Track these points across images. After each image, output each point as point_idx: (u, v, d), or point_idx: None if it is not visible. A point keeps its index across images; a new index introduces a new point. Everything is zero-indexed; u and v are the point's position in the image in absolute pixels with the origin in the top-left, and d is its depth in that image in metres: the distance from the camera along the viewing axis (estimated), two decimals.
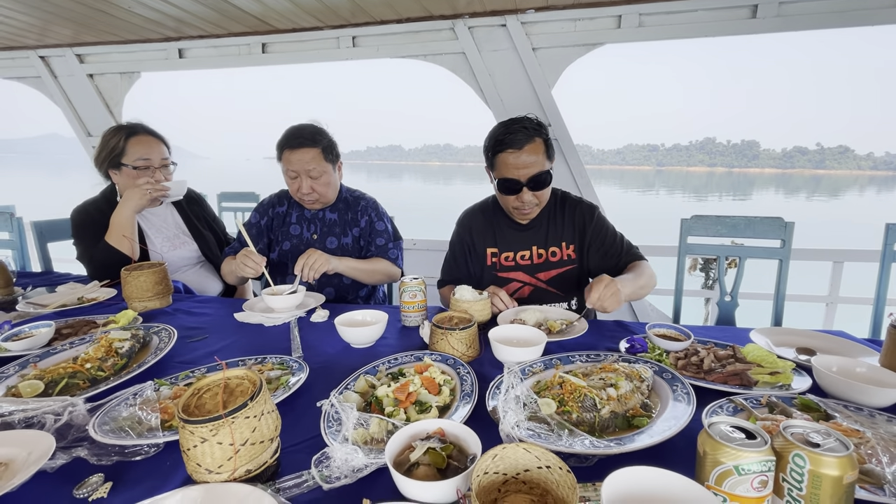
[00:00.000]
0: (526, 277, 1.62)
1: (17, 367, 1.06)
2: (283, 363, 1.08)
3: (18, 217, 2.28)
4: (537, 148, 1.44)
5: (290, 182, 1.72)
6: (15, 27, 2.67)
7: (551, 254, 1.61)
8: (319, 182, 1.68)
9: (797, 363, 1.03)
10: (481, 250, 1.65)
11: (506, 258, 1.63)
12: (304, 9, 2.33)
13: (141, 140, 1.79)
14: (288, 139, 1.66)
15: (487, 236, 1.65)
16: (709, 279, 2.79)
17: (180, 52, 2.95)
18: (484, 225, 1.66)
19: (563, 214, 1.62)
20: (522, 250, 1.62)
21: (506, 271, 1.63)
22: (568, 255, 1.61)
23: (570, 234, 1.61)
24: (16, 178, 64.71)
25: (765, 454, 0.55)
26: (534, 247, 1.61)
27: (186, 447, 0.66)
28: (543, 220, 1.62)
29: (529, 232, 1.62)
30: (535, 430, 0.78)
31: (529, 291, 1.62)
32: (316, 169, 1.66)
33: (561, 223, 1.62)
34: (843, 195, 63.61)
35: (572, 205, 1.64)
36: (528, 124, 1.45)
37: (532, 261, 1.61)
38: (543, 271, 1.61)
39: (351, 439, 0.75)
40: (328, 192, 1.73)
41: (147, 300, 1.51)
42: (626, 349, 1.12)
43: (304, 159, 1.64)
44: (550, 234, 1.61)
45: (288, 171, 1.68)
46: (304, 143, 1.64)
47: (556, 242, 1.61)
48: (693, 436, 0.78)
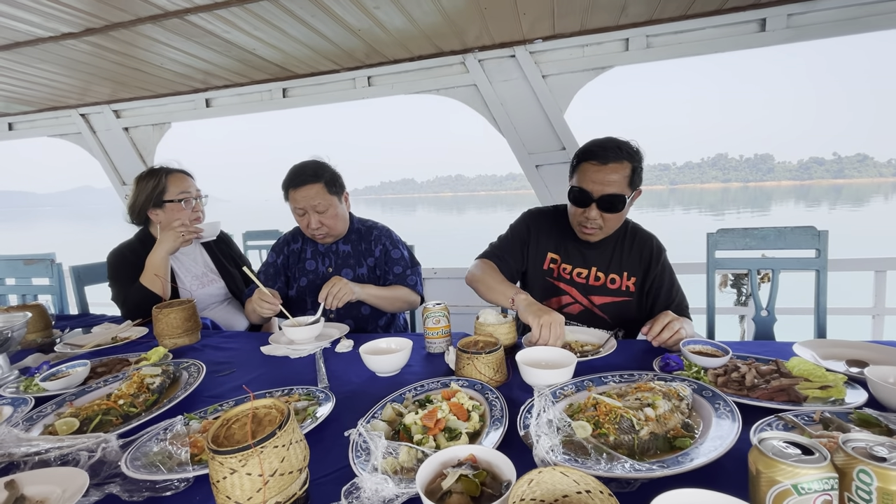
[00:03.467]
0: (579, 296, 1.57)
1: (54, 405, 1.08)
2: (310, 394, 1.07)
3: (58, 263, 2.40)
4: (621, 169, 1.38)
5: (299, 220, 1.76)
6: (60, 89, 2.90)
7: (610, 280, 1.56)
8: (327, 216, 1.71)
9: (849, 376, 0.96)
10: (541, 251, 1.61)
11: (564, 269, 1.59)
12: (321, 54, 2.46)
13: (178, 177, 1.90)
14: (291, 179, 1.70)
15: (552, 240, 1.61)
16: (741, 295, 2.68)
17: (207, 101, 3.13)
18: (551, 228, 1.62)
19: (631, 245, 1.57)
20: (580, 268, 1.57)
21: (562, 282, 1.59)
22: (627, 287, 1.55)
23: (635, 267, 1.55)
24: (53, 228, 68.44)
25: (826, 471, 0.51)
26: (594, 268, 1.56)
27: (216, 479, 0.65)
28: (610, 245, 1.57)
29: (594, 252, 1.57)
30: (572, 455, 0.74)
31: (579, 311, 1.57)
32: (321, 203, 1.69)
33: (628, 253, 1.56)
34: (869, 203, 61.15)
35: (644, 238, 1.59)
36: (622, 146, 1.41)
37: (588, 281, 1.57)
38: (598, 295, 1.56)
39: (380, 469, 0.73)
40: (337, 224, 1.75)
41: (177, 337, 1.54)
42: (661, 367, 1.07)
43: (308, 195, 1.67)
44: (614, 260, 1.56)
45: (295, 209, 1.72)
46: (306, 180, 1.68)
47: (618, 270, 1.56)
48: (741, 456, 0.73)
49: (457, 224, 44.48)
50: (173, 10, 1.84)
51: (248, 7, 1.82)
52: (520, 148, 2.67)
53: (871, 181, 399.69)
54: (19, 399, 1.13)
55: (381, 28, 2.11)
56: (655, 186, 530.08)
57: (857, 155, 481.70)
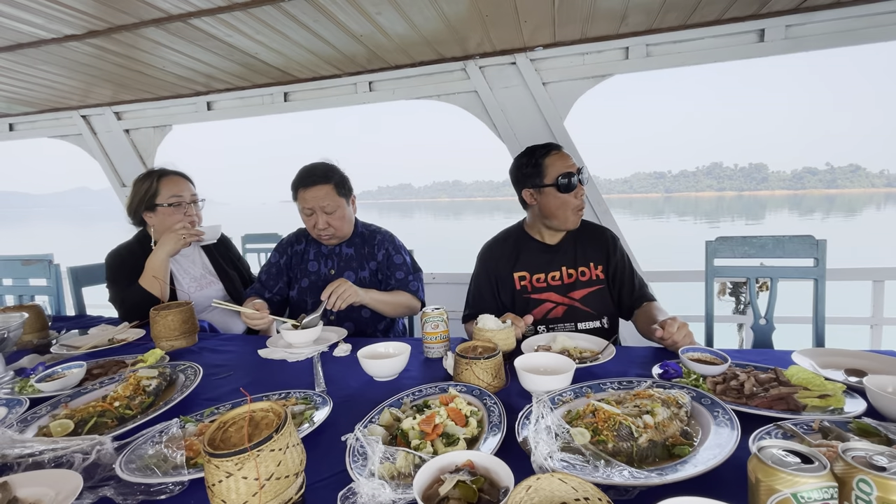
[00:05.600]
0: (558, 297, 1.62)
1: (48, 407, 1.07)
2: (307, 398, 1.06)
3: (56, 264, 2.39)
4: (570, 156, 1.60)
5: (306, 220, 1.77)
6: (62, 90, 2.91)
7: (581, 273, 1.63)
8: (334, 217, 1.73)
9: (848, 385, 0.96)
10: (508, 277, 1.66)
11: (537, 280, 1.64)
12: (323, 59, 2.47)
13: (171, 180, 1.89)
14: (301, 178, 1.73)
15: (513, 262, 1.67)
16: (739, 304, 2.68)
17: (208, 104, 3.14)
18: (508, 252, 1.69)
19: (588, 238, 1.68)
20: (552, 271, 1.64)
21: (538, 293, 1.63)
22: (597, 276, 1.64)
23: (598, 256, 1.65)
24: (49, 229, 68.20)
25: (825, 480, 0.51)
26: (563, 267, 1.64)
27: (211, 482, 0.64)
28: (569, 243, 1.67)
29: (558, 254, 1.65)
30: (570, 462, 0.74)
31: (563, 311, 1.61)
32: (330, 204, 1.71)
33: (588, 245, 1.66)
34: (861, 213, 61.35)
35: (597, 230, 1.71)
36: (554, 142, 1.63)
37: (563, 280, 1.63)
38: (575, 290, 1.62)
39: (377, 474, 0.73)
40: (343, 225, 1.77)
41: (174, 339, 1.53)
42: (660, 374, 1.07)
43: (317, 196, 1.69)
44: (579, 254, 1.65)
45: (304, 208, 1.73)
46: (316, 180, 1.71)
47: (585, 263, 1.64)
48: (740, 464, 0.73)
49: (455, 229, 44.54)
50: (176, 13, 1.84)
51: (251, 11, 1.83)
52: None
53: (863, 191, 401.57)
54: (14, 400, 1.12)
55: (383, 34, 2.13)
56: (651, 194, 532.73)
57: (850, 165, 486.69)
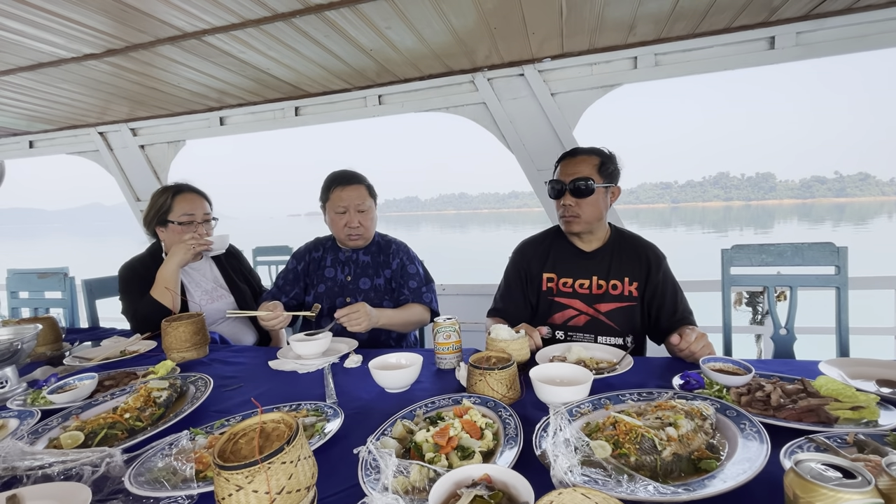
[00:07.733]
0: (583, 306, 1.58)
1: (59, 419, 1.07)
2: (318, 409, 1.05)
3: (71, 277, 2.42)
4: (589, 161, 1.54)
5: (337, 218, 1.79)
6: (80, 108, 2.98)
7: (612, 286, 1.58)
8: (366, 216, 1.79)
9: (882, 396, 0.92)
10: (538, 276, 1.65)
11: (563, 284, 1.61)
12: (333, 73, 2.50)
13: (186, 197, 1.91)
14: (338, 178, 1.80)
15: (545, 262, 1.66)
16: (757, 314, 2.62)
17: (221, 119, 3.20)
18: (542, 252, 1.69)
19: (627, 250, 1.61)
20: (582, 278, 1.60)
21: (562, 297, 1.60)
22: (630, 292, 1.57)
23: (635, 273, 1.58)
24: (64, 243, 69.55)
25: (870, 496, 0.48)
26: (594, 276, 1.59)
27: (221, 496, 0.62)
28: (607, 252, 1.62)
29: (592, 262, 1.61)
30: (591, 476, 0.71)
31: (585, 321, 1.57)
32: (364, 204, 1.78)
33: (626, 259, 1.60)
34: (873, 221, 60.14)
35: (641, 245, 1.63)
36: (593, 147, 1.59)
37: (591, 290, 1.59)
38: (602, 303, 1.57)
39: (391, 488, 0.70)
40: (371, 227, 1.83)
41: (185, 351, 1.53)
42: (681, 385, 1.04)
43: (354, 195, 1.77)
44: (613, 266, 1.59)
45: (338, 206, 1.78)
46: (352, 180, 1.80)
47: (619, 276, 1.58)
48: (771, 479, 0.70)
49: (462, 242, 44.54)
50: (191, 31, 1.89)
51: (264, 28, 1.87)
52: (529, 165, 2.68)
53: (873, 199, 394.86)
54: (25, 412, 1.11)
55: (393, 48, 2.15)
56: (657, 205, 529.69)
57: (859, 174, 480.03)
